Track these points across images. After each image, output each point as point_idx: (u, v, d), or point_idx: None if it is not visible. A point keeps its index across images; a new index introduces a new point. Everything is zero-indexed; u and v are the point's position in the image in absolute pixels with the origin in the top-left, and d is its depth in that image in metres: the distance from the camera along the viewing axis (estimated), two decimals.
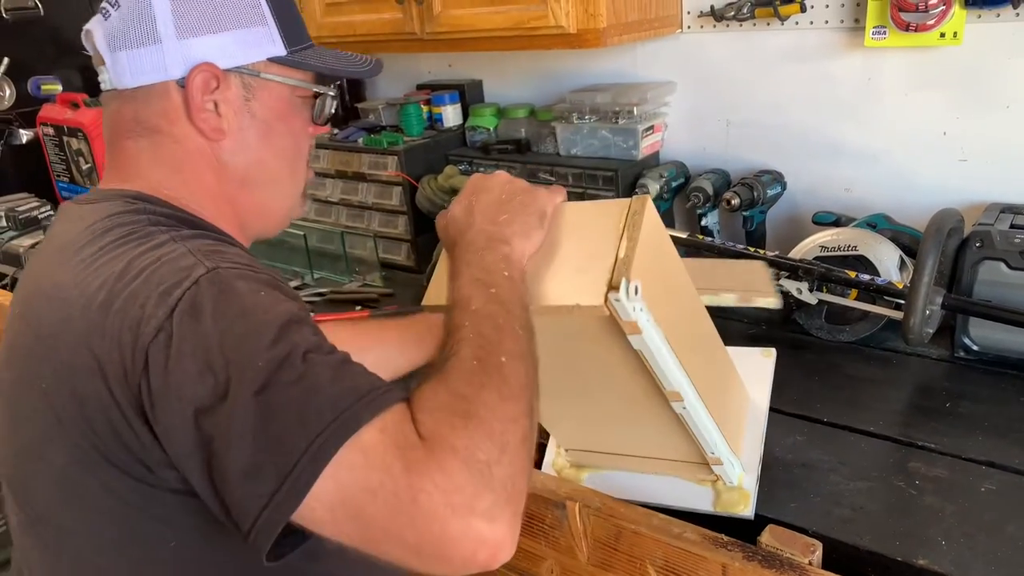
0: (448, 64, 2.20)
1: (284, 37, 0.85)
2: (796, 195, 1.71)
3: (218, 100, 0.82)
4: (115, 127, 0.84)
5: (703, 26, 1.70)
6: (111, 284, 0.68)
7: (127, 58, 0.80)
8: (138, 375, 0.65)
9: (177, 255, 0.70)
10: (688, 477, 1.08)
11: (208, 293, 0.66)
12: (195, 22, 0.80)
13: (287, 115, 0.87)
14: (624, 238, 0.83)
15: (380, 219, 2.02)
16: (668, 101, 1.82)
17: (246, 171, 0.86)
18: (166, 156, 0.82)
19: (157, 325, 0.65)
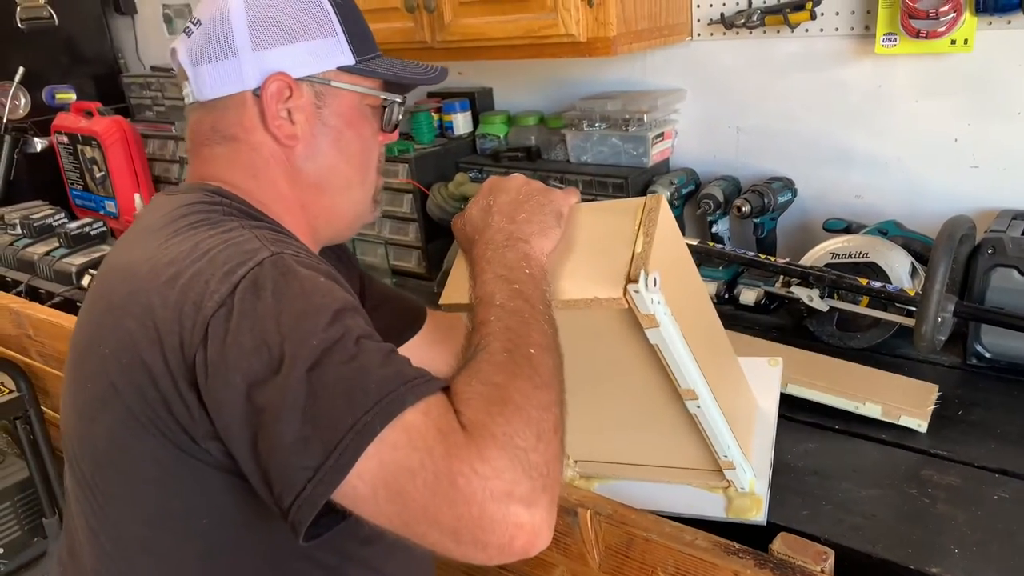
0: (459, 72, 2.21)
1: (352, 47, 0.89)
2: (807, 202, 1.71)
3: (291, 108, 0.86)
4: (195, 137, 0.89)
5: (713, 34, 1.70)
6: (180, 261, 0.73)
7: (208, 71, 0.85)
8: (195, 347, 0.68)
9: (244, 239, 0.74)
10: (699, 485, 1.08)
11: (270, 274, 0.70)
12: (269, 35, 0.85)
13: (357, 122, 0.91)
14: (640, 234, 0.85)
15: (391, 226, 2.03)
16: (678, 108, 1.83)
17: (318, 176, 0.89)
18: (243, 162, 0.87)
19: (220, 300, 0.68)
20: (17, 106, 2.74)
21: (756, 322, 1.61)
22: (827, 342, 1.49)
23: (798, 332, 1.53)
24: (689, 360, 0.89)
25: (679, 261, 0.94)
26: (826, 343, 1.49)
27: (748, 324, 1.61)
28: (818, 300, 1.44)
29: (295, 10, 0.86)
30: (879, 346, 1.46)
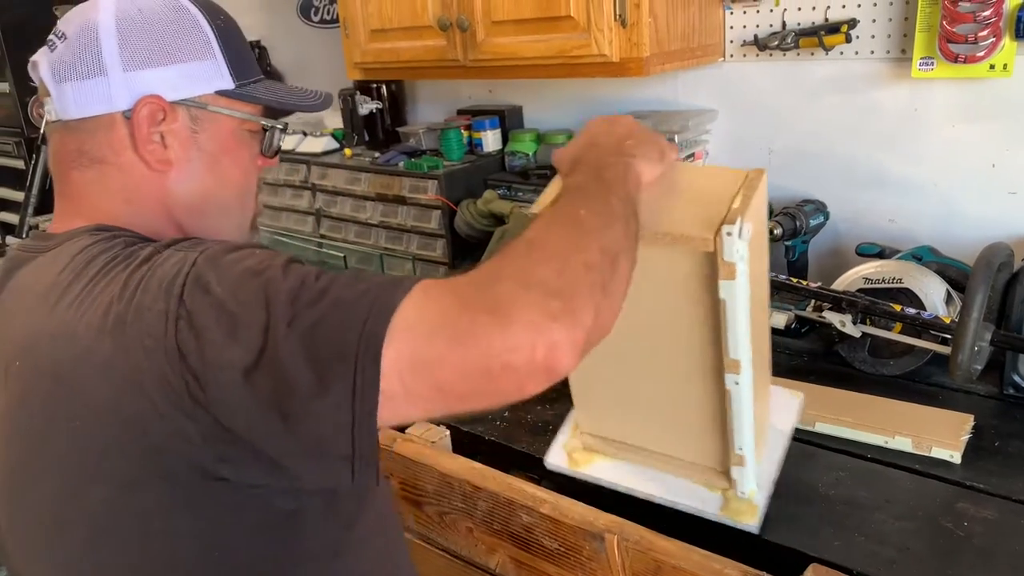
0: (489, 90, 2.22)
1: (232, 70, 0.85)
2: (839, 225, 1.70)
3: (164, 132, 0.82)
4: (60, 159, 0.83)
5: (746, 55, 1.70)
6: (116, 305, 0.69)
7: (72, 89, 0.80)
8: (178, 370, 0.65)
9: (165, 257, 0.71)
10: (700, 481, 1.05)
11: (207, 267, 0.68)
12: (142, 55, 0.80)
13: (234, 148, 0.88)
14: (740, 195, 0.86)
15: (419, 242, 2.04)
16: (709, 129, 1.82)
17: (193, 201, 0.86)
18: (115, 186, 0.82)
19: (174, 316, 0.66)
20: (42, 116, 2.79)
21: (786, 346, 1.59)
22: (859, 368, 1.47)
23: (829, 357, 1.51)
24: (745, 329, 0.88)
25: (760, 239, 0.94)
26: (858, 369, 1.47)
27: (778, 348, 1.59)
28: (850, 326, 1.42)
29: (170, 30, 0.82)
30: (912, 374, 1.43)
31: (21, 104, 2.78)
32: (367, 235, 2.15)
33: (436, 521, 1.31)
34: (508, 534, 1.20)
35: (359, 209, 2.15)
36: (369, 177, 2.10)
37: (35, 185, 2.77)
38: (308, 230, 2.32)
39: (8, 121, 2.90)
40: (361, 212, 2.15)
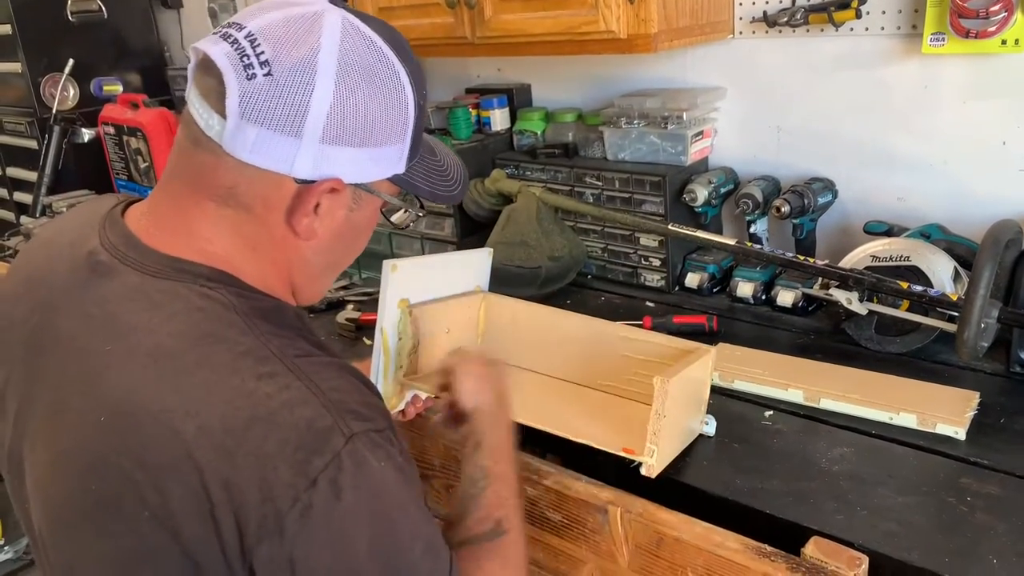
0: (497, 68, 2.22)
1: (410, 153, 0.81)
2: (847, 204, 1.69)
3: (323, 204, 0.77)
4: (201, 181, 0.76)
5: (755, 32, 1.69)
6: (232, 426, 0.66)
7: (256, 135, 0.72)
8: (262, 539, 0.64)
9: (303, 399, 0.68)
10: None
11: (347, 471, 0.66)
12: (345, 132, 0.74)
13: (375, 220, 0.85)
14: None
15: (427, 221, 2.04)
16: (718, 107, 1.81)
17: (319, 269, 0.84)
18: (248, 234, 0.77)
19: (295, 495, 0.64)
20: (66, 97, 2.81)
21: (793, 324, 1.59)
22: (865, 346, 1.47)
23: (836, 335, 1.51)
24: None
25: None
26: (864, 347, 1.47)
27: (785, 326, 1.59)
28: (857, 303, 1.42)
29: (383, 110, 0.75)
30: (919, 352, 1.43)
31: (33, 84, 2.79)
32: None
33: (442, 494, 1.32)
34: None
35: None
36: None
37: (48, 165, 2.79)
38: None
39: (20, 101, 2.91)
40: None
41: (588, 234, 1.90)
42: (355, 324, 1.70)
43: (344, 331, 1.72)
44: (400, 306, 1.23)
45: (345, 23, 0.74)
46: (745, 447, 1.21)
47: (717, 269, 1.77)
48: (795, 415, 1.29)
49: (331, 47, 0.72)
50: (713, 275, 1.76)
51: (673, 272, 1.81)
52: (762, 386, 1.34)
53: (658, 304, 1.76)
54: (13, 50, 2.79)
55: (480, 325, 1.42)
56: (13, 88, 2.92)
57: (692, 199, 1.73)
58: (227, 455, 0.65)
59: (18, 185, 3.10)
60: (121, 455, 0.68)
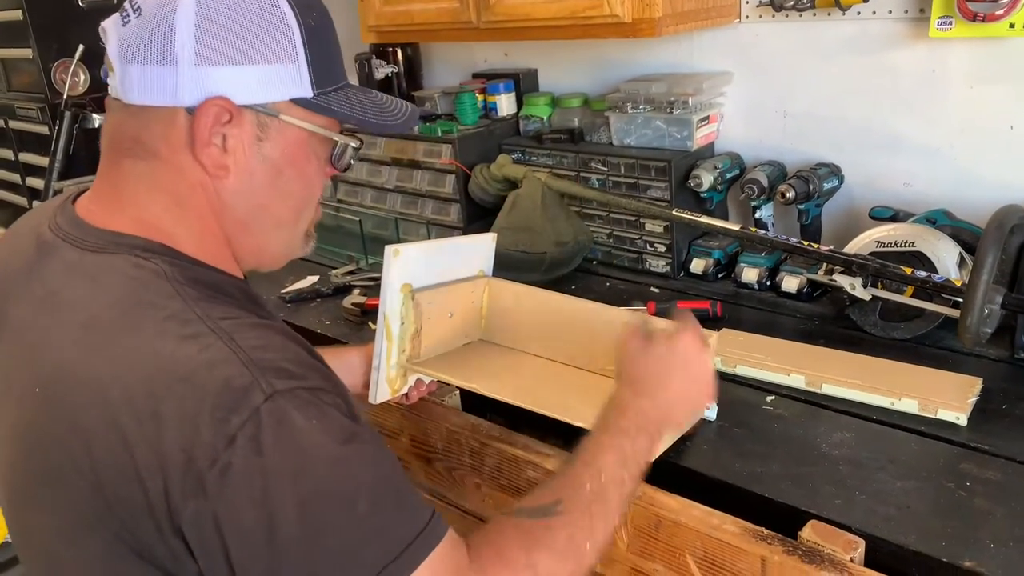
0: (504, 53, 2.21)
1: (313, 77, 0.79)
2: (853, 189, 1.68)
3: (227, 135, 0.76)
4: (115, 141, 0.78)
5: (762, 16, 1.67)
6: (156, 388, 0.66)
7: (138, 73, 0.74)
8: (187, 499, 0.64)
9: (223, 358, 0.67)
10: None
11: (268, 427, 0.65)
12: (218, 50, 0.73)
13: (301, 159, 0.81)
14: None
15: (433, 206, 2.05)
16: (724, 91, 1.80)
17: (247, 214, 0.81)
18: (166, 185, 0.77)
19: (214, 455, 0.64)
20: (77, 83, 2.82)
21: (797, 310, 1.59)
22: (869, 332, 1.47)
23: (840, 321, 1.51)
24: None
25: None
26: (868, 333, 1.47)
27: (789, 312, 1.59)
28: (860, 289, 1.42)
29: (254, 25, 0.75)
30: (923, 337, 1.43)
31: (44, 70, 2.80)
32: (383, 200, 2.17)
33: (445, 477, 1.34)
34: (515, 490, 1.22)
35: (375, 174, 2.17)
36: (384, 141, 2.11)
37: (59, 151, 2.81)
38: (326, 195, 2.33)
39: (32, 87, 2.93)
40: (377, 177, 2.16)
41: (594, 219, 1.90)
42: (361, 309, 1.72)
43: (350, 315, 1.73)
44: (402, 291, 1.24)
45: None
46: (745, 431, 1.21)
47: (722, 255, 1.77)
48: (797, 400, 1.29)
49: None
50: (718, 261, 1.76)
51: (678, 258, 1.81)
52: (764, 371, 1.34)
53: (663, 290, 1.77)
54: (24, 36, 2.80)
55: (483, 309, 1.43)
56: (25, 74, 2.94)
57: (697, 184, 1.73)
58: (149, 418, 0.65)
59: (31, 170, 3.12)
60: (56, 423, 0.70)
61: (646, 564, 1.10)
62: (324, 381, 0.72)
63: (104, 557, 0.70)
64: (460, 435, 1.27)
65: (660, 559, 1.07)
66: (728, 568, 1.00)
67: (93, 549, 0.70)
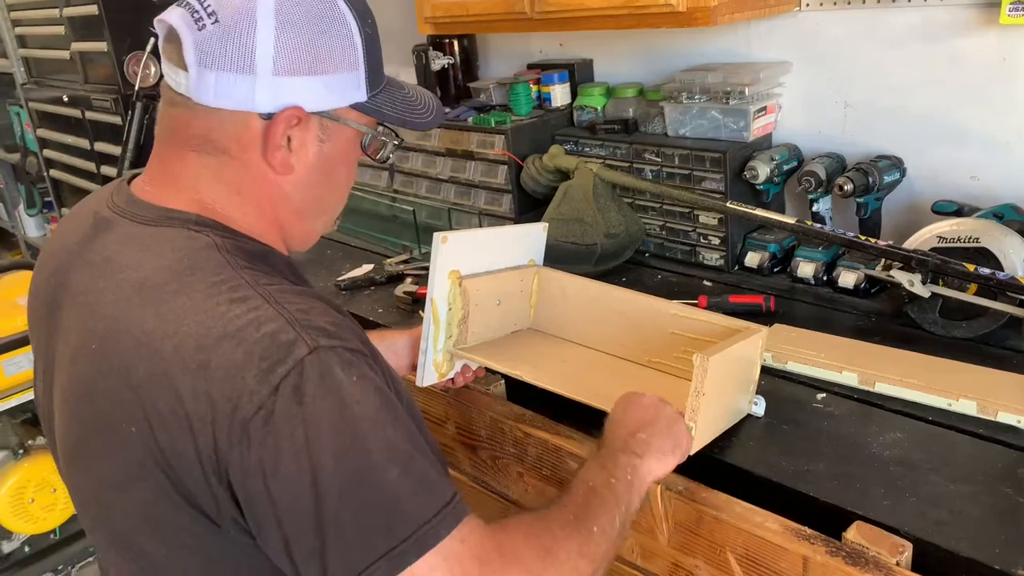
0: (559, 44, 2.20)
1: (368, 81, 0.86)
2: (916, 182, 1.62)
3: (292, 136, 0.82)
4: (179, 135, 0.82)
5: (823, 3, 1.63)
6: (206, 344, 0.70)
7: (215, 79, 0.78)
8: (232, 447, 0.68)
9: (267, 317, 0.71)
10: None
11: (311, 379, 0.68)
12: (294, 62, 0.79)
13: (351, 154, 0.90)
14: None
15: (486, 196, 2.06)
16: (783, 81, 1.76)
17: (303, 204, 0.87)
18: (229, 177, 0.82)
19: (259, 403, 0.67)
20: (148, 75, 2.91)
21: (854, 306, 1.55)
22: (929, 330, 1.42)
23: (898, 319, 1.47)
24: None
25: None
26: (928, 331, 1.42)
27: (846, 308, 1.55)
28: (919, 285, 1.37)
29: (325, 38, 0.80)
30: (986, 337, 1.38)
31: (117, 62, 2.90)
32: (437, 190, 2.18)
33: (489, 465, 1.35)
34: (556, 480, 1.23)
35: (430, 164, 2.19)
36: (439, 132, 2.13)
37: (131, 140, 2.91)
38: (383, 185, 2.37)
39: (106, 79, 3.03)
40: (432, 167, 2.18)
41: (647, 211, 1.89)
42: (412, 297, 1.74)
43: (402, 303, 1.76)
44: (450, 277, 1.25)
45: None
46: (794, 429, 1.19)
47: (778, 248, 1.73)
48: (849, 398, 1.26)
49: None
50: (774, 255, 1.73)
51: (733, 251, 1.78)
52: (816, 368, 1.31)
53: (716, 283, 1.74)
54: (99, 30, 2.91)
55: (532, 298, 1.43)
56: (101, 67, 3.05)
57: (753, 176, 1.70)
58: (200, 370, 0.69)
59: (104, 159, 3.24)
60: (108, 376, 0.74)
61: (686, 560, 1.09)
62: (364, 346, 0.76)
63: (151, 503, 0.74)
64: (504, 424, 1.28)
65: (701, 555, 1.06)
66: (770, 567, 0.99)
67: (142, 495, 0.74)
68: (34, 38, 3.51)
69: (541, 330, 1.44)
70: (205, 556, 0.77)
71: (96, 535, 0.86)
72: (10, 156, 4.46)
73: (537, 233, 1.42)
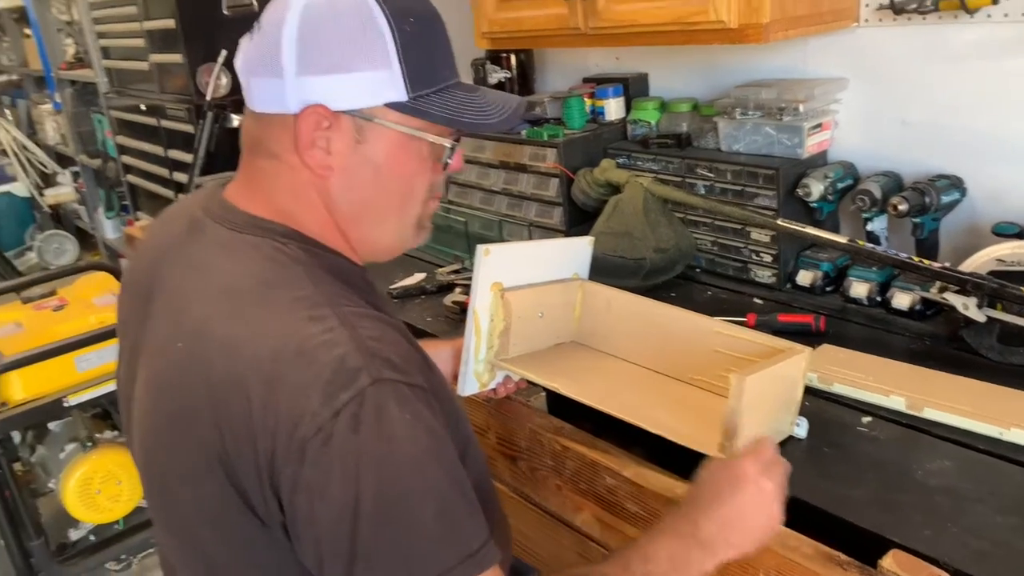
0: (615, 58, 2.21)
1: (408, 82, 0.83)
2: (977, 203, 1.58)
3: (329, 137, 0.83)
4: (249, 142, 0.88)
5: (882, 19, 1.60)
6: (280, 357, 0.73)
7: (256, 85, 0.84)
8: (288, 462, 0.71)
9: (337, 340, 0.74)
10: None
11: (368, 410, 0.71)
12: (316, 60, 0.81)
13: (400, 159, 0.87)
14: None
15: (537, 209, 2.08)
16: (839, 98, 1.73)
17: (352, 209, 0.88)
18: (284, 182, 0.86)
19: (319, 424, 0.70)
20: (220, 85, 3.03)
21: (908, 328, 1.51)
22: (985, 356, 1.38)
23: (954, 343, 1.43)
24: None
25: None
26: (984, 357, 1.38)
27: (899, 330, 1.52)
28: (974, 309, 1.33)
29: (350, 34, 0.81)
30: None
31: (191, 73, 3.03)
32: (490, 201, 2.21)
33: (528, 476, 1.36)
34: (593, 494, 1.23)
35: (483, 176, 2.22)
36: (493, 145, 2.16)
37: (202, 148, 3.04)
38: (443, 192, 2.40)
39: (181, 89, 3.17)
40: (485, 179, 2.21)
41: (698, 226, 1.88)
42: (460, 307, 1.77)
43: (450, 313, 1.79)
44: (492, 289, 1.27)
45: None
46: (836, 452, 1.17)
47: (832, 267, 1.70)
48: (895, 423, 1.23)
49: None
50: (827, 273, 1.70)
51: (785, 269, 1.76)
52: (862, 390, 1.29)
53: (766, 301, 1.72)
54: (176, 43, 3.05)
55: (576, 311, 1.44)
56: (175, 77, 3.19)
57: (806, 194, 1.67)
58: (272, 381, 0.72)
59: (177, 166, 3.39)
60: (192, 374, 0.78)
61: None
62: (427, 382, 0.79)
63: (216, 498, 0.77)
64: (543, 436, 1.29)
65: (733, 575, 1.05)
66: None
67: (208, 489, 0.78)
68: (117, 49, 3.69)
69: (585, 343, 1.45)
70: (256, 554, 0.80)
71: (160, 523, 0.90)
72: (92, 161, 4.69)
73: (582, 246, 1.43)
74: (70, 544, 2.38)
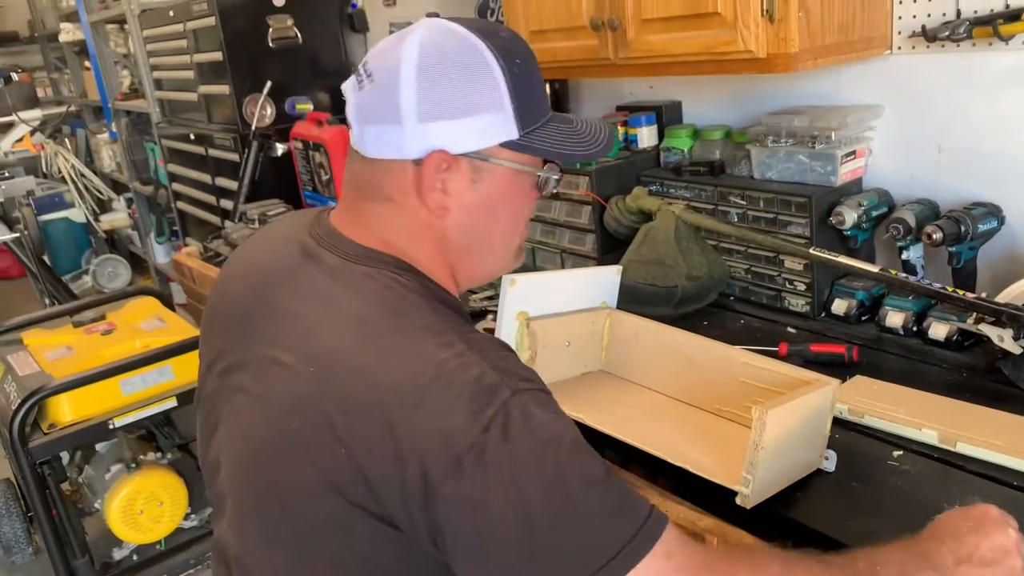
0: (649, 86, 2.23)
1: (519, 120, 0.88)
2: (1017, 231, 1.54)
3: (446, 179, 0.87)
4: (358, 186, 0.92)
5: (915, 47, 1.59)
6: (420, 384, 0.76)
7: (372, 132, 0.87)
8: (445, 480, 0.73)
9: (474, 362, 0.78)
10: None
11: (515, 419, 0.75)
12: (436, 108, 0.84)
13: (510, 192, 0.92)
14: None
15: (570, 236, 2.09)
16: (874, 125, 1.72)
17: (467, 243, 0.92)
18: (401, 224, 0.90)
19: (471, 440, 0.73)
20: (264, 115, 3.12)
21: (944, 359, 1.48)
22: (1022, 389, 1.34)
23: (991, 375, 1.39)
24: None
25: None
26: (1022, 390, 1.34)
27: (935, 361, 1.48)
28: (1010, 341, 1.30)
29: (467, 81, 0.85)
30: None
31: (237, 103, 3.12)
32: None
33: None
34: None
35: None
36: None
37: (247, 176, 3.13)
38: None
39: (228, 119, 3.27)
40: None
41: (732, 254, 1.87)
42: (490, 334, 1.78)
43: None
44: (518, 318, 1.29)
45: (431, 24, 0.89)
46: (865, 486, 1.15)
47: (867, 296, 1.68)
48: (927, 457, 1.20)
49: (414, 42, 0.86)
50: (862, 302, 1.67)
51: (819, 297, 1.73)
52: (894, 424, 1.27)
53: (800, 330, 1.70)
54: (223, 74, 3.15)
55: (604, 340, 1.45)
56: (223, 107, 3.30)
57: (840, 222, 1.66)
58: (414, 406, 0.75)
59: (224, 193, 3.48)
60: (325, 399, 0.79)
61: None
62: (548, 390, 0.83)
63: (341, 513, 0.79)
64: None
65: None
66: None
67: (332, 506, 0.79)
68: (168, 81, 3.82)
69: (612, 372, 1.45)
70: (374, 567, 0.82)
71: (255, 533, 0.89)
72: (145, 188, 4.85)
73: (610, 276, 1.44)
74: (114, 563, 2.44)
